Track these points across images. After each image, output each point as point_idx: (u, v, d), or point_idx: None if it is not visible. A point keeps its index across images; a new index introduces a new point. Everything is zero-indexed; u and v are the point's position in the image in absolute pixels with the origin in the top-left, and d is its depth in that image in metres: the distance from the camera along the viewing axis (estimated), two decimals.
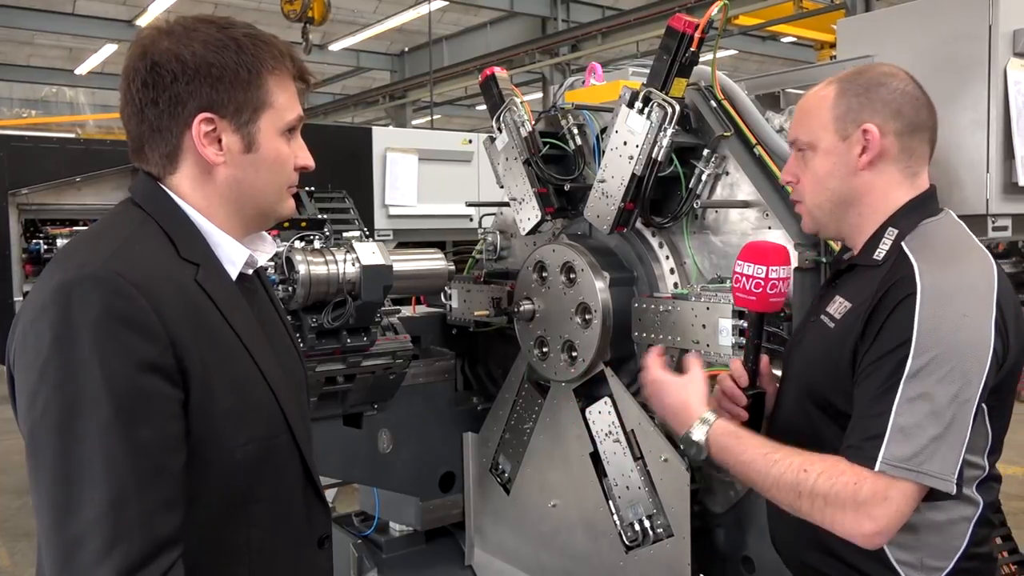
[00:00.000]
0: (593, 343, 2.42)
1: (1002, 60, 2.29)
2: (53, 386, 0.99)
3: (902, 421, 1.29)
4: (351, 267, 2.35)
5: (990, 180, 2.31)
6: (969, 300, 1.34)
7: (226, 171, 1.21)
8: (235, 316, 1.18)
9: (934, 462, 1.27)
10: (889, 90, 1.51)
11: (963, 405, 1.29)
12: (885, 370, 1.32)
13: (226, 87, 1.18)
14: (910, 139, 1.50)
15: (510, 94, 2.73)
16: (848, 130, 1.50)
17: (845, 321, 1.45)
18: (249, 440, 1.16)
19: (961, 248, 1.44)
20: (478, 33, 14.66)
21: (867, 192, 1.51)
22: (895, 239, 1.45)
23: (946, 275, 1.36)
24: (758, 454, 1.43)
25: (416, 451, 2.87)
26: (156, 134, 1.17)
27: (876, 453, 1.29)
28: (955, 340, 1.29)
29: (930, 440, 1.27)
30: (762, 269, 1.59)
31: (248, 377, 1.19)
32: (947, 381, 1.28)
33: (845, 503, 1.31)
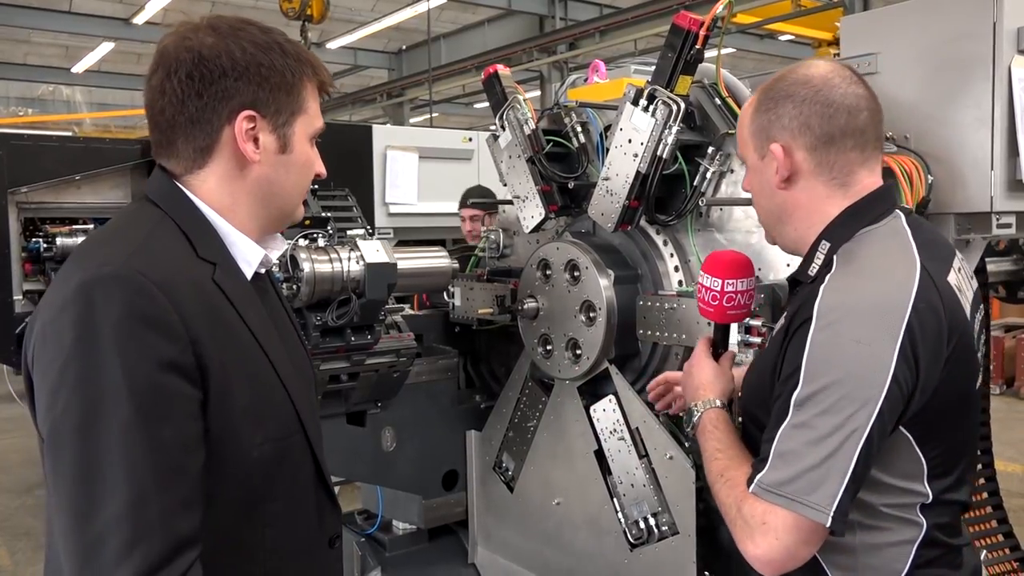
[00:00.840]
0: (597, 341, 2.42)
1: (1006, 57, 2.29)
2: (74, 385, 0.99)
3: (782, 448, 1.26)
4: (355, 265, 2.35)
5: (994, 178, 2.31)
6: (866, 325, 1.25)
7: (259, 170, 1.21)
8: (251, 315, 1.18)
9: (810, 492, 1.22)
10: (796, 102, 1.39)
11: (849, 436, 1.21)
12: (782, 398, 1.29)
13: (271, 88, 1.19)
14: (825, 152, 1.39)
15: (513, 92, 2.72)
16: (764, 148, 1.43)
17: (774, 341, 1.43)
18: (265, 439, 1.16)
19: (880, 259, 1.34)
20: (476, 31, 14.65)
21: (795, 208, 1.43)
22: (827, 253, 1.37)
23: (847, 297, 1.28)
24: (712, 447, 1.44)
25: (419, 449, 2.87)
26: (195, 126, 1.17)
27: (755, 475, 1.28)
28: (843, 370, 1.23)
29: (806, 468, 1.22)
30: (718, 282, 1.57)
31: (264, 377, 1.19)
32: (831, 412, 1.22)
33: (734, 519, 1.32)
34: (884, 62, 2.52)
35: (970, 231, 2.42)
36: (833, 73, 1.42)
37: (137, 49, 15.67)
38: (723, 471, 1.38)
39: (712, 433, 1.46)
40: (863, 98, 1.41)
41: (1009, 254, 3.65)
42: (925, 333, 1.25)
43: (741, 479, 1.33)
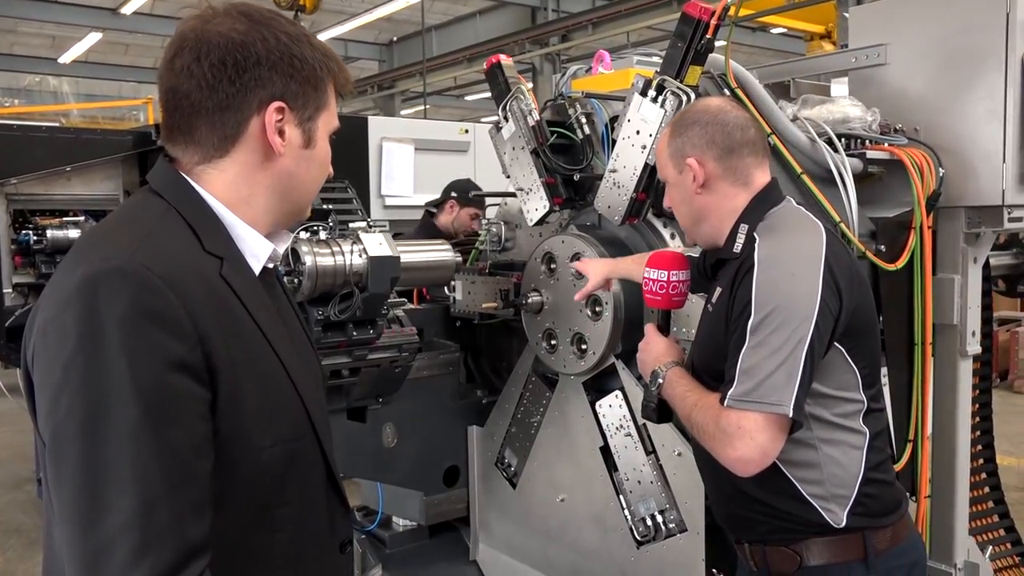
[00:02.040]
0: (604, 336, 2.38)
1: (1019, 49, 2.26)
2: (78, 385, 0.94)
3: (744, 365, 1.53)
4: (358, 258, 2.30)
5: (1006, 170, 2.29)
6: (796, 262, 1.58)
7: (282, 163, 1.17)
8: (259, 312, 1.13)
9: (772, 394, 1.49)
10: (701, 125, 1.73)
11: (796, 345, 1.50)
12: (738, 331, 1.57)
13: (301, 81, 1.15)
14: (728, 159, 1.71)
15: (516, 82, 2.68)
16: (680, 165, 1.75)
17: (719, 303, 1.71)
18: (276, 441, 1.11)
19: (794, 224, 1.68)
20: (468, 22, 14.57)
21: (709, 208, 1.75)
22: (747, 232, 1.68)
23: (777, 246, 1.61)
24: (681, 391, 1.71)
25: (420, 445, 2.83)
26: (223, 113, 1.12)
27: (727, 393, 1.54)
28: (785, 295, 1.54)
29: (766, 375, 1.50)
30: (663, 274, 1.83)
31: (274, 376, 1.14)
32: (780, 328, 1.52)
33: (713, 434, 1.57)
34: (893, 53, 2.49)
35: (980, 224, 2.40)
36: (724, 103, 1.80)
37: (125, 39, 15.52)
38: (696, 402, 1.65)
39: (679, 382, 1.73)
40: (748, 119, 1.78)
41: (1009, 248, 3.62)
42: (840, 266, 1.60)
43: (713, 402, 1.59)
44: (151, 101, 12.29)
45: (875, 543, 1.62)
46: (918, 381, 2.33)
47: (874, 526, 1.63)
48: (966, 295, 2.40)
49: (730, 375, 1.56)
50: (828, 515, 1.61)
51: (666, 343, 1.85)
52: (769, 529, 1.67)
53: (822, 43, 11.86)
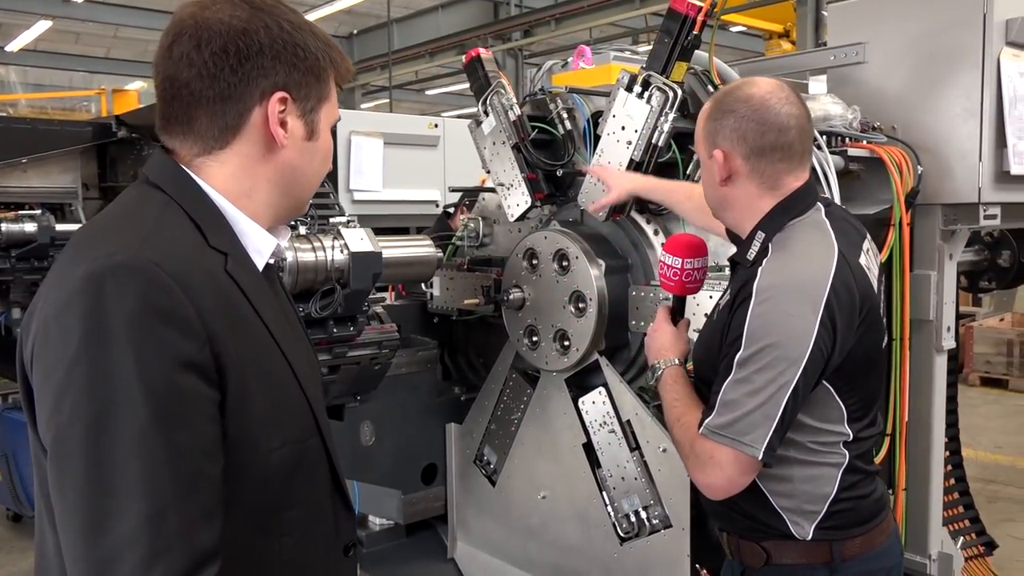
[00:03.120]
0: (588, 332, 2.37)
1: (996, 49, 2.30)
2: (83, 387, 0.89)
3: (725, 398, 1.52)
4: (339, 254, 2.26)
5: (982, 169, 2.33)
6: (794, 300, 1.52)
7: (285, 155, 1.13)
8: (265, 309, 1.09)
9: (747, 432, 1.49)
10: (737, 117, 1.62)
11: (780, 389, 1.48)
12: (726, 360, 1.55)
13: (304, 71, 1.12)
14: (757, 161, 1.62)
15: (496, 76, 2.66)
16: (710, 150, 1.67)
17: (722, 313, 1.66)
18: (284, 443, 1.08)
19: (806, 249, 1.59)
20: (429, 16, 14.44)
21: (733, 201, 1.69)
22: (763, 241, 1.62)
23: (778, 277, 1.54)
24: (671, 398, 1.70)
25: (398, 443, 2.80)
26: (224, 103, 1.08)
27: (704, 420, 1.55)
28: (777, 335, 1.49)
29: (744, 413, 1.49)
30: (679, 260, 1.79)
31: (281, 375, 1.10)
32: (767, 369, 1.49)
33: (687, 455, 1.60)
34: (872, 51, 2.51)
35: (956, 222, 2.43)
36: (772, 94, 1.62)
37: (76, 28, 15.10)
38: (680, 416, 1.65)
39: (672, 386, 1.72)
40: (794, 117, 1.62)
41: (971, 244, 3.70)
42: (841, 306, 1.53)
43: (694, 423, 1.59)
44: (104, 92, 11.98)
45: (842, 551, 1.62)
46: (896, 376, 2.36)
47: (842, 537, 1.62)
48: (942, 291, 2.44)
49: (712, 401, 1.55)
50: (795, 527, 1.62)
51: (673, 334, 1.81)
52: (743, 526, 1.71)
53: (780, 42, 12.02)
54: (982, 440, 5.81)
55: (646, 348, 1.86)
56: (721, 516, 1.78)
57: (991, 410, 6.83)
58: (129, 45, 15.88)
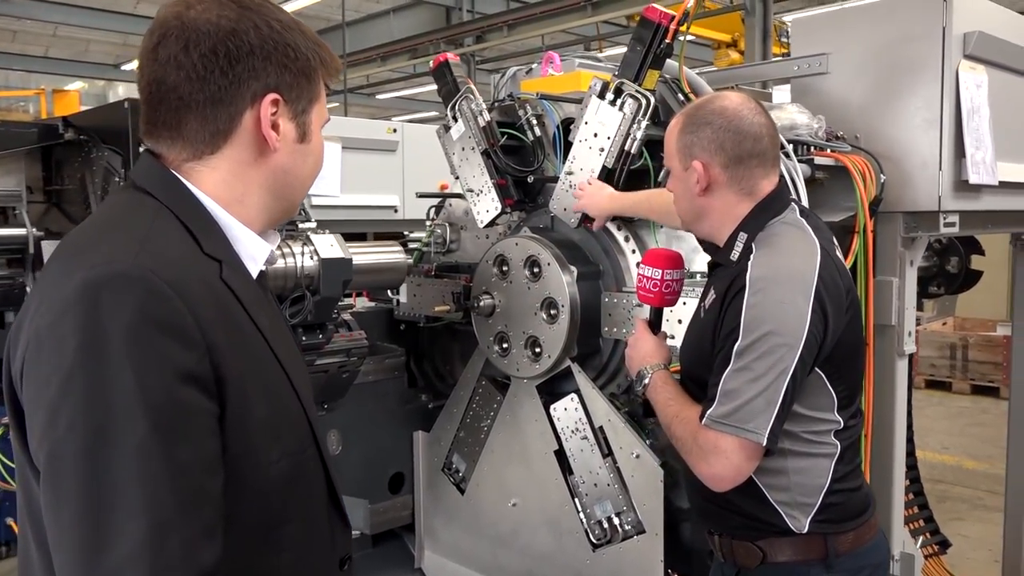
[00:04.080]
0: (560, 339, 2.37)
1: (955, 61, 2.37)
2: (79, 401, 0.85)
3: (726, 387, 1.55)
4: (309, 260, 2.22)
5: (942, 178, 2.39)
6: (786, 289, 1.57)
7: (277, 159, 1.10)
8: (261, 318, 1.07)
9: (750, 420, 1.52)
10: (713, 128, 1.69)
11: (780, 375, 1.52)
12: (724, 351, 1.58)
13: (296, 71, 1.09)
14: (736, 169, 1.69)
15: (464, 82, 2.64)
16: (686, 162, 1.72)
17: (711, 311, 1.70)
18: (282, 456, 1.05)
19: (791, 244, 1.66)
20: (381, 20, 14.34)
21: (711, 210, 1.73)
22: (746, 241, 1.68)
23: (769, 269, 1.60)
24: (664, 399, 1.74)
25: (365, 452, 2.76)
26: (215, 107, 1.04)
27: (706, 411, 1.57)
28: (773, 323, 1.54)
29: (746, 400, 1.52)
30: (658, 272, 1.83)
31: (279, 386, 1.07)
32: (765, 356, 1.53)
33: (691, 448, 1.62)
34: (835, 62, 2.56)
35: (917, 229, 2.49)
36: (742, 106, 1.72)
37: (13, 26, 14.63)
38: (677, 413, 1.68)
39: (663, 388, 1.76)
40: (764, 126, 1.72)
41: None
42: (830, 293, 1.59)
43: (693, 417, 1.62)
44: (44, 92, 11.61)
45: (836, 546, 1.67)
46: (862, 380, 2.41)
47: (836, 531, 1.67)
48: (903, 296, 2.49)
49: (712, 393, 1.58)
50: (791, 521, 1.65)
51: (655, 342, 1.85)
52: (735, 525, 1.73)
53: (728, 52, 12.23)
54: (929, 441, 5.97)
55: (628, 358, 1.88)
56: (712, 517, 1.79)
57: (936, 411, 7.03)
58: (69, 44, 15.46)
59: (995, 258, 3.62)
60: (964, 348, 7.86)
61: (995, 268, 3.76)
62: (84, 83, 15.33)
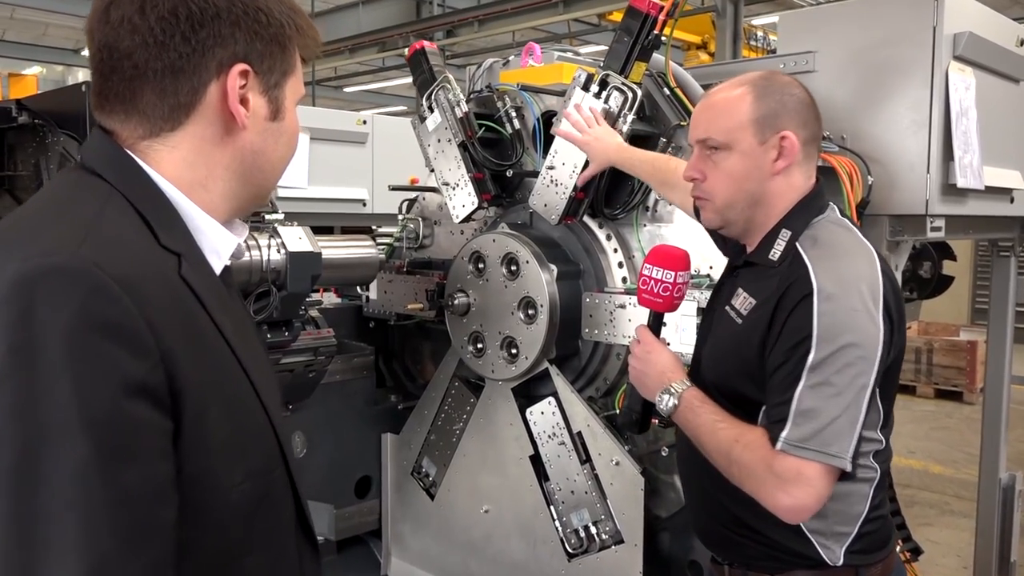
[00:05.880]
0: (538, 340, 2.28)
1: (944, 62, 2.32)
2: (8, 415, 0.73)
3: (803, 406, 1.38)
4: (276, 254, 2.10)
5: (930, 181, 2.34)
6: (858, 296, 1.42)
7: (246, 137, 0.98)
8: (225, 320, 0.94)
9: (833, 443, 1.37)
10: (797, 100, 1.55)
11: (860, 390, 1.38)
12: (789, 364, 1.42)
13: (267, 39, 0.97)
14: (811, 147, 1.57)
15: (442, 71, 2.54)
16: (766, 135, 1.52)
17: (752, 317, 1.53)
18: (246, 477, 0.92)
19: (849, 246, 1.52)
20: (350, 12, 14.13)
21: (776, 194, 1.56)
22: (788, 240, 1.52)
23: (836, 274, 1.44)
24: (710, 419, 1.51)
25: (331, 455, 2.65)
26: (175, 77, 0.92)
27: (780, 434, 1.39)
28: (852, 333, 1.39)
29: (829, 421, 1.37)
30: (670, 274, 1.64)
31: (244, 398, 0.95)
32: (845, 370, 1.38)
33: (763, 478, 1.41)
34: (822, 61, 2.50)
35: (903, 233, 2.44)
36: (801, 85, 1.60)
37: None
38: (737, 437, 1.46)
39: (703, 408, 1.53)
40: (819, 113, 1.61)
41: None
42: (896, 299, 1.48)
43: (761, 440, 1.42)
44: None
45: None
46: None
47: (868, 563, 1.52)
48: None
49: (781, 413, 1.40)
50: (825, 552, 1.49)
51: (670, 355, 1.65)
52: (756, 555, 1.57)
53: (699, 53, 12.26)
54: (895, 445, 5.96)
55: (640, 376, 1.66)
56: (727, 545, 1.62)
57: (901, 415, 7.00)
58: (26, 27, 15.01)
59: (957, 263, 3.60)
60: (929, 352, 7.93)
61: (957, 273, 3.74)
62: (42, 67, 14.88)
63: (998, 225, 2.89)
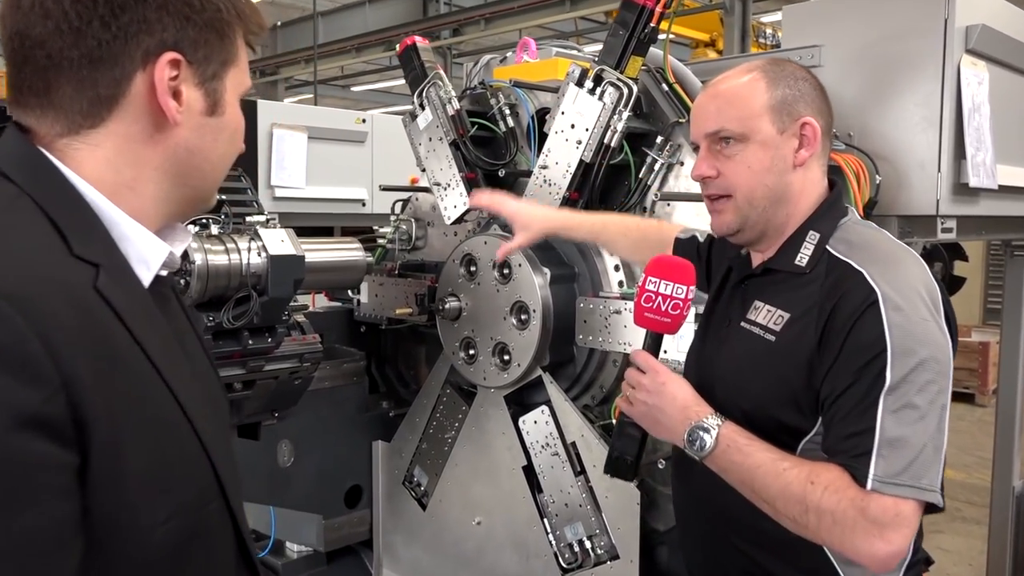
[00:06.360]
0: (531, 346, 2.19)
1: (956, 56, 2.22)
2: None
3: (889, 435, 1.21)
4: (256, 257, 2.02)
5: (941, 180, 2.24)
6: (921, 303, 1.28)
7: (179, 135, 0.90)
8: (150, 338, 0.85)
9: (924, 474, 1.20)
10: (812, 86, 1.44)
11: (942, 411, 1.24)
12: (863, 385, 1.24)
13: (202, 25, 0.88)
14: (826, 138, 1.46)
15: (433, 67, 2.46)
16: (784, 123, 1.40)
17: (790, 333, 1.34)
18: (172, 514, 0.83)
19: (890, 248, 1.39)
20: (356, 11, 14.10)
21: (798, 190, 1.42)
22: (817, 243, 1.38)
23: (895, 280, 1.29)
24: (767, 459, 1.29)
25: (320, 464, 2.56)
26: (95, 68, 0.83)
27: (867, 471, 1.21)
28: (928, 347, 1.24)
29: (919, 451, 1.20)
30: (682, 289, 1.42)
31: (170, 423, 0.85)
32: (925, 389, 1.23)
33: (853, 522, 1.21)
34: (828, 55, 2.40)
35: (912, 234, 2.34)
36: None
37: None
38: (810, 478, 1.25)
39: (750, 445, 1.31)
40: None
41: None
42: (949, 305, 1.33)
43: (843, 480, 1.22)
44: None
45: None
46: None
47: None
48: None
49: (861, 445, 1.21)
50: None
51: (687, 384, 1.41)
52: None
53: (706, 51, 12.16)
54: None
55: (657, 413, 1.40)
56: None
57: None
58: None
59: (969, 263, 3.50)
60: None
61: (968, 273, 3.64)
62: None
63: (1012, 225, 2.78)
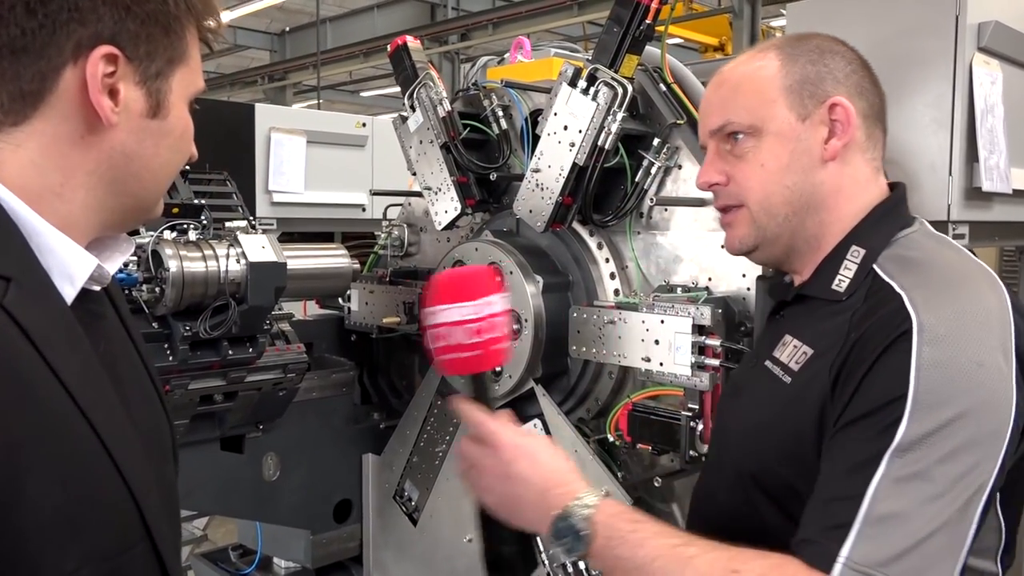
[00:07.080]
0: (523, 357, 2.10)
1: (968, 55, 2.12)
2: None
3: (882, 508, 0.90)
4: (235, 264, 1.94)
5: (952, 184, 2.14)
6: (978, 341, 0.96)
7: (115, 137, 0.82)
8: (67, 362, 0.77)
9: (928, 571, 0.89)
10: (846, 60, 1.17)
11: (975, 493, 0.92)
12: (865, 436, 0.94)
13: (144, 18, 0.81)
14: (873, 125, 1.19)
15: (424, 68, 2.38)
16: (807, 107, 1.14)
17: (806, 373, 1.08)
18: (85, 561, 0.75)
19: (958, 268, 1.07)
20: (364, 16, 14.11)
21: (834, 191, 1.14)
22: (862, 261, 1.08)
23: (948, 308, 0.98)
24: (664, 546, 0.97)
25: (308, 477, 2.48)
26: (16, 59, 0.76)
27: (837, 550, 0.89)
28: (969, 399, 0.93)
29: (922, 539, 0.89)
30: (482, 305, 1.09)
31: (85, 460, 0.77)
32: (955, 457, 0.91)
33: None
34: None
35: None
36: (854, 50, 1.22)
37: None
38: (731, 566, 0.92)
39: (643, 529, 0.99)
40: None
41: None
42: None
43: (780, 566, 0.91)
44: None
45: None
46: None
47: None
48: None
49: (841, 515, 0.91)
50: None
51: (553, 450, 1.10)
52: None
53: (715, 55, 12.06)
54: None
55: (509, 501, 1.14)
56: None
57: None
58: None
59: None
60: None
61: None
62: None
63: None
